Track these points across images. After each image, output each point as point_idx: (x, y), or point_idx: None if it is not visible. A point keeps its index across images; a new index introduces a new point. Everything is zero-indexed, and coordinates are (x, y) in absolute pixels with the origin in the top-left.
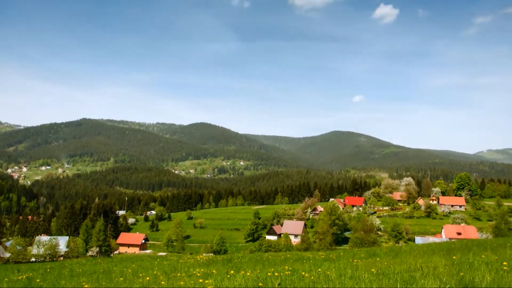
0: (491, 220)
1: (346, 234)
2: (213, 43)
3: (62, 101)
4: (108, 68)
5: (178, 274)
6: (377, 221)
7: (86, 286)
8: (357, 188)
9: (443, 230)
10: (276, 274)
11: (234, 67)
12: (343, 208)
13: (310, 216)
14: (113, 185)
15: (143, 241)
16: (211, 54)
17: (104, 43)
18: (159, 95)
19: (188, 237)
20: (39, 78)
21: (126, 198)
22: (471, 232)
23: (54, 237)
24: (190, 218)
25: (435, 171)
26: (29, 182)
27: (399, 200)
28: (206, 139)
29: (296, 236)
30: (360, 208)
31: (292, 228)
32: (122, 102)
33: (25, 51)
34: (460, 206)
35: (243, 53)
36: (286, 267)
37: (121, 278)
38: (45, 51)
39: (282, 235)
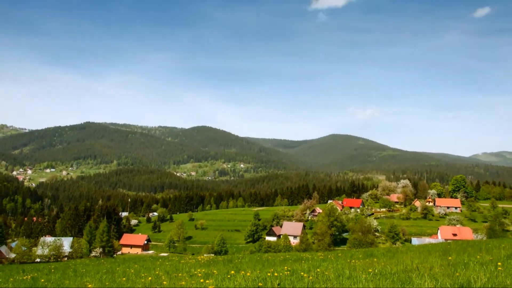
0: (486, 222)
1: (344, 235)
2: (211, 44)
3: (66, 105)
4: (111, 71)
5: (180, 274)
6: (375, 223)
7: (89, 286)
8: (355, 190)
9: (439, 231)
10: (275, 274)
11: (235, 71)
12: (341, 210)
13: (309, 218)
14: (116, 187)
15: (146, 242)
16: (211, 58)
17: (105, 43)
18: (161, 99)
19: (189, 238)
20: (43, 83)
21: (129, 200)
22: (466, 233)
23: (59, 238)
24: (191, 219)
25: (431, 174)
26: (34, 184)
27: (396, 202)
28: (207, 142)
29: (295, 237)
30: (358, 210)
31: (291, 229)
32: (125, 106)
33: (28, 56)
34: (456, 208)
35: (243, 57)
36: (286, 267)
37: (124, 278)
38: (47, 55)
39: (281, 236)
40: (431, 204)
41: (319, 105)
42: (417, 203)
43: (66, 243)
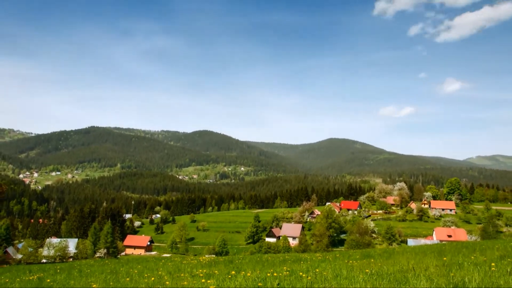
0: (480, 223)
1: (342, 236)
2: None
3: (71, 110)
4: (114, 77)
5: (182, 275)
6: (372, 224)
7: (94, 286)
8: (353, 192)
9: (434, 232)
10: (275, 274)
11: (235, 79)
12: (339, 212)
13: (308, 219)
14: (120, 189)
15: (149, 243)
16: (211, 65)
17: (109, 50)
18: (163, 104)
19: (191, 239)
20: (49, 88)
21: (133, 202)
22: (461, 234)
23: (64, 239)
24: (193, 221)
25: (426, 177)
26: (40, 187)
27: (392, 204)
28: (209, 146)
29: (294, 238)
30: (355, 212)
31: (291, 230)
32: (128, 110)
33: (34, 62)
34: (451, 210)
35: (244, 65)
36: (285, 268)
37: (128, 278)
38: (53, 61)
39: (281, 237)
40: (426, 206)
41: (317, 110)
42: (413, 205)
43: (72, 244)
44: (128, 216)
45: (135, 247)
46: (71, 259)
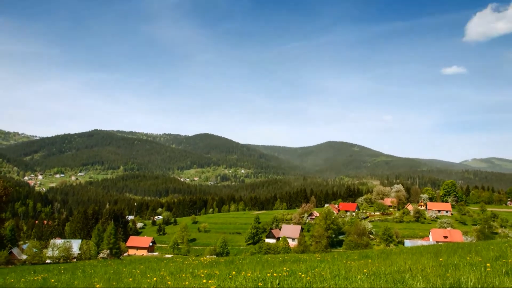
0: (475, 225)
1: (341, 237)
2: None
3: (75, 113)
4: (117, 81)
5: (184, 275)
6: (369, 225)
7: (97, 286)
8: (351, 194)
9: (430, 233)
10: (275, 274)
11: (235, 83)
12: (337, 213)
13: (307, 221)
14: (122, 191)
15: (151, 244)
16: (211, 69)
17: (112, 55)
18: (165, 107)
19: (193, 240)
20: (52, 92)
21: (135, 204)
22: (457, 235)
23: (68, 240)
24: (194, 222)
25: (423, 179)
26: (44, 189)
27: (389, 206)
28: (210, 148)
29: (293, 239)
30: (353, 213)
31: (290, 232)
32: (131, 113)
33: (36, 64)
34: (447, 212)
35: (244, 70)
36: (284, 268)
37: (130, 279)
38: (57, 65)
39: (280, 238)
40: (423, 208)
41: (316, 113)
42: (410, 207)
43: (75, 245)
44: (130, 217)
45: (137, 248)
46: (75, 260)
